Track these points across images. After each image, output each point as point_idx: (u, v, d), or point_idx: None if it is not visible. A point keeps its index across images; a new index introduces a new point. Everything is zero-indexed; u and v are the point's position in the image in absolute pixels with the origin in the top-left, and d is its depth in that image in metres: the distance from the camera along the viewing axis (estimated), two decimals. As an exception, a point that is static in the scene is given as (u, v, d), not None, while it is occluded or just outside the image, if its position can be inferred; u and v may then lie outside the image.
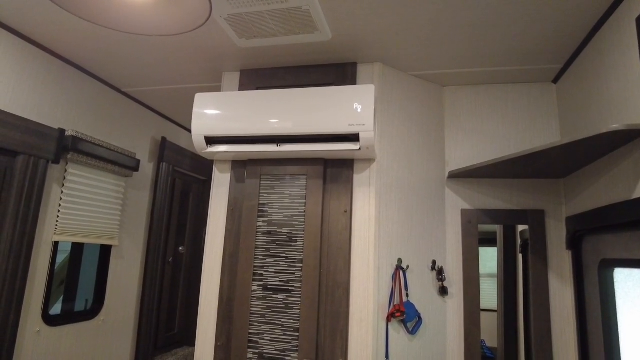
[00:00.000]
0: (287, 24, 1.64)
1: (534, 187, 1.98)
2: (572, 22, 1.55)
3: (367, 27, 1.66)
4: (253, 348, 1.78)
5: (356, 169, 1.87)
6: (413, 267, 1.88)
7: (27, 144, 1.86)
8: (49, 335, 2.03)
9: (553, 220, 1.92)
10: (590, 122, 1.62)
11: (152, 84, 2.39)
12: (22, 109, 1.88)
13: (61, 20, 1.73)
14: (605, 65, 1.49)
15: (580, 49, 1.71)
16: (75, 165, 2.16)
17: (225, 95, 1.85)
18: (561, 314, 1.84)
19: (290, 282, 1.80)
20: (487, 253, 2.05)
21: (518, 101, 2.07)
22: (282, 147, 1.78)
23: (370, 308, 1.72)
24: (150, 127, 2.83)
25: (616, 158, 1.44)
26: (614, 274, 1.51)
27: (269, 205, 1.89)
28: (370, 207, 1.81)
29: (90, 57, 2.07)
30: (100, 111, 2.38)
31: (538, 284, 1.88)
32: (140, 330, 2.64)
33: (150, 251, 2.72)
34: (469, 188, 2.05)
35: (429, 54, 1.85)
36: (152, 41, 1.85)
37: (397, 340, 1.78)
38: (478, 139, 2.08)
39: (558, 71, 1.94)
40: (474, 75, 2.05)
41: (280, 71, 2.04)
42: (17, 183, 1.83)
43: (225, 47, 1.88)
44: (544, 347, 1.82)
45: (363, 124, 1.65)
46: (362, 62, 1.95)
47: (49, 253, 2.03)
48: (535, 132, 2.02)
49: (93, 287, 2.41)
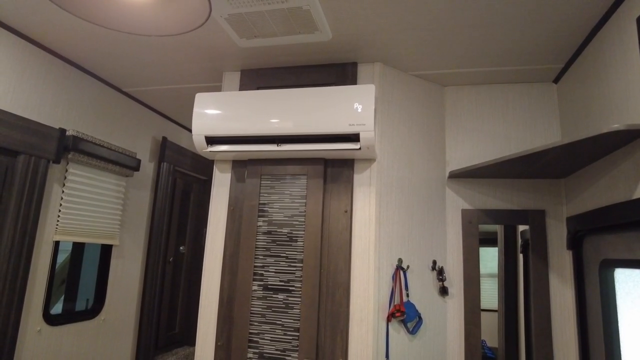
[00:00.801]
0: (288, 23, 1.64)
1: (534, 187, 1.97)
2: (573, 22, 1.55)
3: (368, 26, 1.66)
4: (253, 348, 1.78)
5: (356, 169, 1.86)
6: (413, 267, 1.88)
7: (28, 143, 1.87)
8: (50, 335, 2.03)
9: (553, 220, 1.92)
10: (591, 122, 1.62)
11: (152, 83, 2.39)
12: (22, 109, 1.89)
13: (61, 20, 1.73)
14: (606, 65, 1.49)
15: (581, 49, 1.70)
16: (75, 165, 2.17)
17: (225, 95, 1.85)
18: (562, 314, 1.84)
19: (291, 282, 1.80)
20: (487, 253, 2.05)
21: (519, 101, 2.07)
22: (283, 147, 1.78)
23: (371, 308, 1.72)
24: (151, 127, 2.83)
25: (617, 158, 1.44)
26: (614, 274, 1.51)
27: (269, 205, 1.89)
28: (371, 207, 1.80)
29: (91, 57, 2.08)
30: (101, 111, 2.38)
31: (539, 284, 1.88)
32: (141, 330, 2.64)
33: (150, 251, 2.72)
34: (469, 188, 2.05)
35: (429, 53, 1.85)
36: (153, 41, 1.85)
37: (398, 340, 1.78)
38: (479, 138, 2.08)
39: (559, 71, 1.94)
40: (475, 75, 2.05)
41: (280, 71, 2.04)
42: (17, 183, 1.83)
43: (225, 47, 1.88)
44: (545, 347, 1.82)
45: (363, 124, 1.65)
46: (362, 62, 1.95)
47: (49, 253, 2.03)
48: (535, 132, 2.02)
49: (94, 286, 2.42)
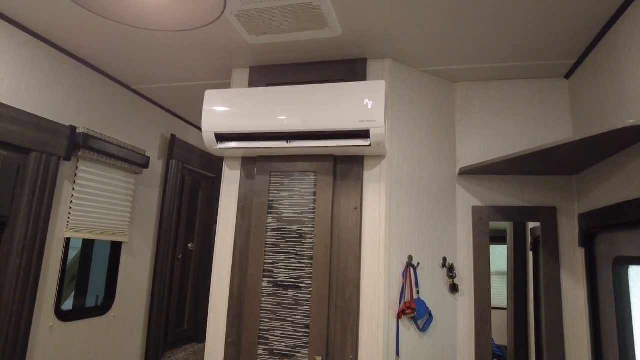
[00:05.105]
0: (297, 19, 1.63)
1: (545, 183, 1.96)
2: (586, 16, 1.53)
3: (378, 22, 1.65)
4: (263, 344, 1.79)
5: (366, 166, 1.86)
6: (423, 264, 1.88)
7: (40, 141, 1.88)
8: (62, 331, 2.05)
9: (565, 218, 1.90)
10: (604, 118, 1.60)
11: (161, 81, 2.40)
12: (34, 106, 1.90)
13: (73, 18, 1.74)
14: (620, 60, 1.47)
15: (594, 44, 1.68)
16: (86, 162, 2.18)
17: (235, 92, 1.85)
18: (574, 312, 1.83)
19: (301, 278, 1.80)
20: (496, 251, 2.03)
21: (529, 97, 2.05)
22: (292, 144, 1.77)
23: (381, 305, 1.71)
24: (160, 125, 2.84)
25: (631, 154, 1.42)
26: (628, 272, 1.49)
27: (278, 202, 1.89)
28: (381, 203, 1.80)
29: (101, 54, 2.09)
30: (111, 108, 2.39)
31: (550, 281, 1.86)
32: (151, 326, 2.66)
33: (160, 248, 2.74)
34: (479, 185, 2.04)
35: (439, 49, 1.84)
36: (163, 38, 1.85)
37: (408, 338, 1.77)
38: (489, 135, 2.07)
39: (570, 66, 1.92)
40: (485, 71, 2.03)
41: (289, 68, 2.04)
42: (29, 180, 1.84)
43: (235, 44, 1.88)
44: (556, 345, 1.80)
45: (373, 120, 1.65)
46: (372, 58, 1.94)
47: (61, 249, 2.05)
48: (547, 128, 2.00)
49: (104, 283, 2.43)
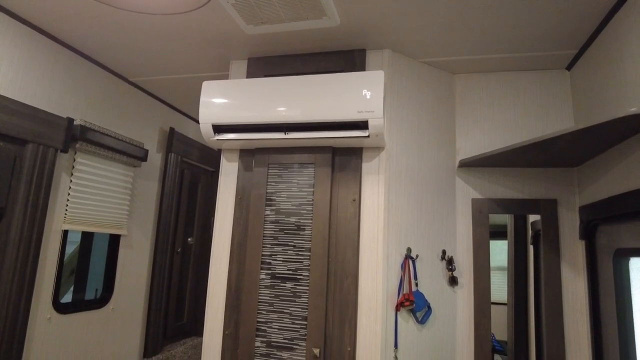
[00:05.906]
0: (295, 8, 1.61)
1: (546, 176, 1.94)
2: (587, 6, 1.51)
3: (376, 11, 1.63)
4: (261, 336, 1.78)
5: (365, 157, 1.84)
6: (422, 256, 1.86)
7: (37, 132, 1.87)
8: (60, 323, 2.05)
9: (566, 210, 1.89)
10: (606, 109, 1.58)
11: (159, 73, 2.38)
12: (31, 98, 1.89)
13: (68, 8, 1.72)
14: (622, 50, 1.44)
15: (595, 35, 1.66)
16: (83, 155, 2.17)
17: (232, 83, 1.84)
18: (574, 305, 1.81)
19: (299, 270, 1.79)
20: (496, 246, 2.02)
21: (530, 89, 2.03)
22: (290, 135, 1.76)
23: (379, 297, 1.70)
24: (159, 118, 2.83)
25: (632, 144, 1.40)
26: (629, 264, 1.48)
27: (276, 194, 1.87)
28: (379, 195, 1.78)
29: (98, 46, 2.07)
30: (109, 101, 2.38)
31: (550, 274, 1.85)
32: (150, 320, 2.66)
33: (159, 241, 2.73)
34: (479, 177, 2.02)
35: (439, 39, 1.82)
36: (158, 25, 1.84)
37: (406, 330, 1.76)
38: (489, 127, 2.05)
39: (572, 57, 1.89)
40: (486, 62, 2.01)
41: (287, 59, 2.02)
42: (26, 171, 1.83)
43: (232, 34, 1.86)
44: (556, 339, 1.79)
45: (372, 111, 1.63)
46: (371, 48, 1.92)
47: (58, 241, 2.04)
48: (548, 119, 1.98)
49: (102, 276, 2.43)
